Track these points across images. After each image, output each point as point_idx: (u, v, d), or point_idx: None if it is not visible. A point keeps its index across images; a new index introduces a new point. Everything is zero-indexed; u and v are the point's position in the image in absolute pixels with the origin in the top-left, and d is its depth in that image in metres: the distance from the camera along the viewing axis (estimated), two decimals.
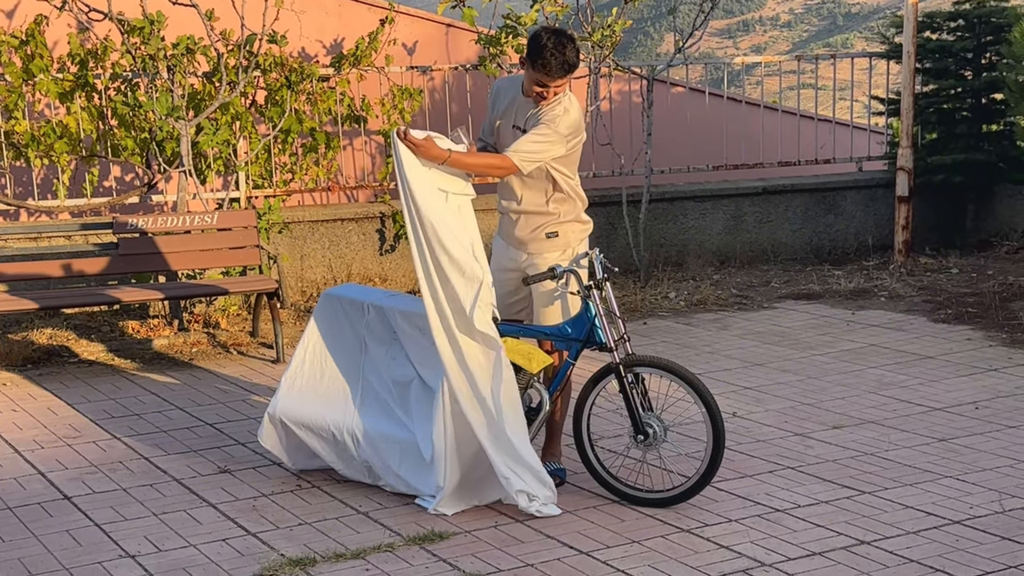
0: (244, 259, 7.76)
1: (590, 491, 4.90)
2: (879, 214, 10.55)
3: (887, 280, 9.28)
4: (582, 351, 4.81)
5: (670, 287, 9.14)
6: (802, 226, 10.36)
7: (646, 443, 4.73)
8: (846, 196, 10.48)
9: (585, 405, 4.81)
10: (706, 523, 4.56)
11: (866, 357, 7.12)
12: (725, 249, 10.11)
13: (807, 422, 5.85)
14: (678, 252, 9.95)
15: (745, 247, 10.16)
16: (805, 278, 9.50)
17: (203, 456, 5.51)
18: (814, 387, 6.49)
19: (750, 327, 8.03)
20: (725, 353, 7.32)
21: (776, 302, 8.79)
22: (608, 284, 4.80)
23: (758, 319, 8.26)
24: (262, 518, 4.71)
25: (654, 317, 8.41)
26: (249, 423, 6.00)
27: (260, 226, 8.24)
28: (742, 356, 7.23)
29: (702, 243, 10.04)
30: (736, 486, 4.96)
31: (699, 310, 8.59)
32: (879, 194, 10.53)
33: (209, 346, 7.67)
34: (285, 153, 8.95)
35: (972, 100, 10.54)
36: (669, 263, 9.84)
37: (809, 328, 7.93)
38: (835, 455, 5.34)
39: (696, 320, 8.29)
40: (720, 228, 10.11)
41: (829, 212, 10.44)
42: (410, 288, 9.14)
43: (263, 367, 7.20)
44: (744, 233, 10.18)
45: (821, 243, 10.42)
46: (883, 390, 6.40)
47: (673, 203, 9.93)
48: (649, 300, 8.77)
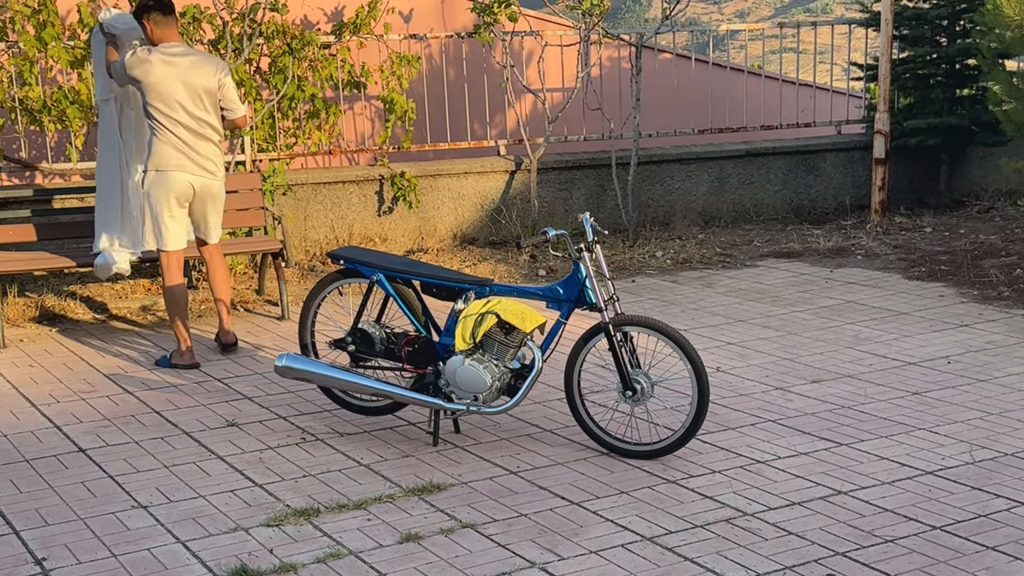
0: (250, 220, 7.69)
1: (581, 444, 4.89)
2: (857, 175, 10.51)
3: (864, 239, 9.24)
4: (573, 311, 4.77)
5: (657, 246, 9.11)
6: (783, 187, 10.32)
7: (634, 398, 4.72)
8: (825, 158, 10.44)
9: (576, 362, 4.78)
10: (691, 474, 4.55)
11: (843, 313, 7.09)
12: (710, 209, 10.07)
13: (787, 376, 5.84)
14: (665, 213, 9.91)
15: (729, 207, 10.12)
16: (786, 237, 9.47)
17: (211, 410, 5.49)
18: (794, 343, 6.47)
19: (733, 284, 8.00)
20: (709, 310, 7.30)
21: (758, 260, 8.76)
22: (598, 246, 4.77)
23: (741, 277, 8.24)
24: (268, 470, 4.69)
25: (642, 275, 8.38)
26: (255, 378, 5.97)
27: (265, 188, 8.21)
28: (725, 312, 7.21)
29: (688, 204, 9.99)
30: (720, 439, 4.95)
31: (685, 268, 8.55)
32: (857, 156, 10.49)
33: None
34: (288, 118, 8.85)
35: (947, 66, 10.46)
36: (656, 223, 9.80)
37: (789, 285, 7.91)
38: (814, 408, 5.33)
39: (682, 278, 8.26)
40: (705, 189, 10.06)
41: (809, 174, 10.39)
42: (408, 248, 9.10)
43: (268, 323, 7.16)
44: (728, 194, 10.14)
45: (801, 203, 10.39)
46: (860, 345, 6.38)
47: (660, 166, 9.88)
48: (637, 259, 8.73)
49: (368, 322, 5.08)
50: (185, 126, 5.98)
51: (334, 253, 5.18)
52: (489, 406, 4.78)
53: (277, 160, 8.68)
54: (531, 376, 4.73)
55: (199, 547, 3.98)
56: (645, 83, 9.68)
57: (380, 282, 5.01)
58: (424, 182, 9.12)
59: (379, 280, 5.01)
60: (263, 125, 8.69)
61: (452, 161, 9.47)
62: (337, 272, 5.23)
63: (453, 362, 4.75)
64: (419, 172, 9.09)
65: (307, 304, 5.31)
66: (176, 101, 5.95)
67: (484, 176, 9.39)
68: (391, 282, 5.02)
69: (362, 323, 5.07)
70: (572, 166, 9.63)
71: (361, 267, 5.06)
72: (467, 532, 4.05)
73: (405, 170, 8.98)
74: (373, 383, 4.91)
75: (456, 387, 4.77)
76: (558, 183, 9.60)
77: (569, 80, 9.92)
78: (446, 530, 4.06)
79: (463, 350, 4.72)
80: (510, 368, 4.77)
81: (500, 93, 9.72)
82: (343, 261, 5.12)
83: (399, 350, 4.98)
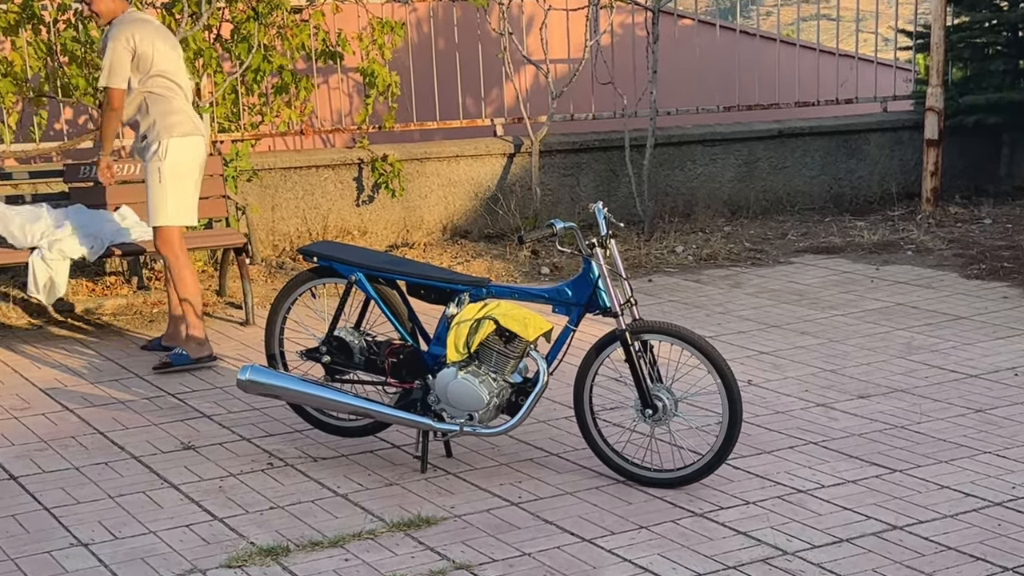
0: (209, 210, 7.62)
1: (593, 470, 4.82)
2: (905, 159, 10.47)
3: (914, 232, 9.20)
4: (584, 316, 4.71)
5: (677, 240, 9.06)
6: (821, 172, 10.28)
7: (655, 418, 4.65)
8: (869, 139, 10.41)
9: (587, 376, 4.72)
10: (721, 506, 4.47)
11: (893, 318, 7.04)
12: (737, 198, 10.03)
13: (830, 391, 5.77)
14: (686, 202, 9.87)
15: (759, 196, 10.09)
16: (824, 230, 9.42)
17: (164, 430, 5.41)
18: (836, 351, 6.41)
19: (765, 284, 7.95)
20: (738, 313, 7.25)
21: (793, 256, 8.72)
22: (613, 241, 4.70)
23: (774, 275, 8.19)
24: (230, 501, 4.61)
25: (660, 273, 8.32)
26: (215, 393, 5.90)
27: (227, 174, 8.14)
28: (757, 317, 7.15)
29: (712, 192, 9.95)
30: (753, 464, 4.87)
31: (709, 265, 8.51)
32: (905, 137, 10.45)
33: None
34: (254, 93, 8.79)
35: (1008, 34, 10.39)
36: (676, 214, 9.76)
37: (830, 285, 7.86)
38: (861, 428, 5.26)
39: (706, 276, 8.21)
40: (731, 175, 10.02)
41: (851, 157, 10.35)
42: (391, 243, 9.03)
43: (231, 330, 7.08)
44: (758, 180, 10.10)
45: (842, 191, 10.34)
46: (912, 355, 6.32)
47: (680, 148, 9.85)
48: (654, 255, 8.69)
49: (346, 329, 5.02)
50: (186, 92, 6.36)
51: (306, 249, 5.11)
52: (486, 426, 4.71)
53: (241, 141, 8.62)
54: (535, 391, 4.67)
55: None
56: (663, 53, 9.62)
57: (360, 283, 4.94)
58: (409, 167, 9.05)
59: (358, 280, 4.94)
60: (224, 101, 8.63)
61: (442, 143, 9.41)
62: (310, 271, 5.17)
63: (444, 375, 4.69)
64: (404, 155, 9.02)
65: (275, 308, 5.25)
66: (178, 66, 6.34)
67: (478, 160, 9.34)
68: (372, 283, 4.95)
69: (339, 330, 5.01)
70: (579, 148, 9.59)
71: (338, 265, 5.00)
72: (461, 574, 3.95)
73: (388, 153, 8.92)
74: (351, 399, 4.86)
75: (448, 404, 4.71)
76: (563, 168, 9.56)
77: (576, 50, 9.85)
78: (436, 572, 3.97)
79: (456, 361, 4.67)
80: (510, 382, 4.71)
81: (497, 65, 9.65)
82: (317, 258, 5.06)
83: (382, 361, 4.91)
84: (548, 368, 4.68)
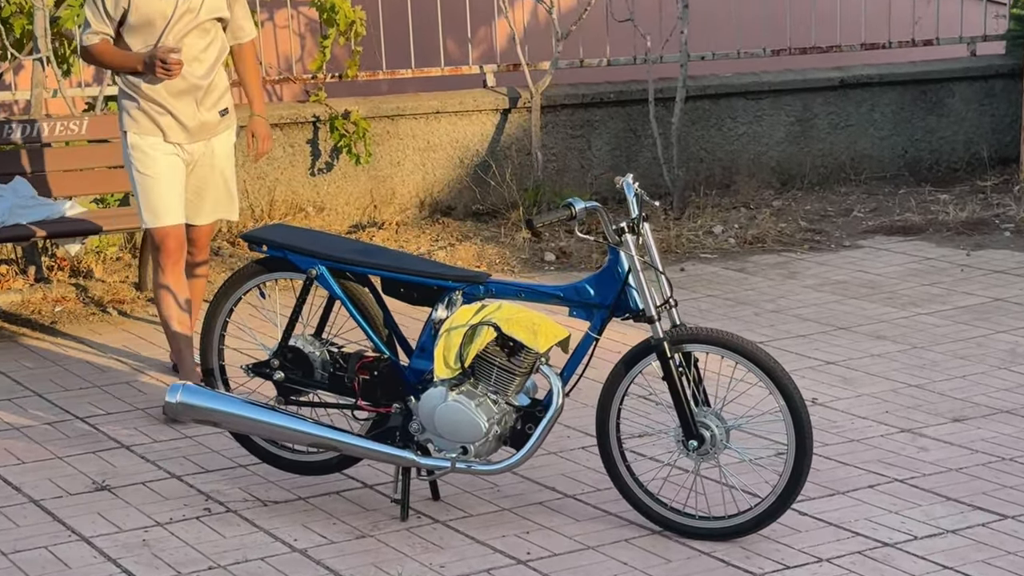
0: (125, 183, 7.46)
1: (620, 517, 4.75)
2: (998, 115, 10.43)
3: (1012, 207, 9.18)
4: (609, 321, 4.63)
5: (715, 217, 9.03)
6: (893, 132, 10.24)
7: (701, 451, 4.58)
8: (953, 90, 10.38)
9: (614, 398, 4.65)
10: (786, 564, 4.40)
11: (990, 317, 7.02)
12: (789, 165, 9.99)
13: (916, 412, 5.72)
14: (724, 169, 9.83)
15: (816, 162, 10.05)
16: (899, 204, 9.40)
17: (72, 465, 5.34)
18: (922, 361, 6.37)
19: (827, 274, 7.92)
20: (795, 311, 7.21)
21: (861, 238, 8.70)
22: (647, 225, 4.62)
23: (837, 263, 8.16)
24: (155, 558, 4.52)
25: (694, 260, 8.30)
26: (137, 417, 5.84)
27: None
28: (818, 316, 7.11)
29: (758, 157, 9.91)
30: (824, 508, 4.80)
31: (756, 250, 8.49)
32: (999, 87, 10.42)
33: (79, 303, 7.51)
34: None
35: None
36: (712, 184, 9.72)
37: (909, 275, 7.83)
38: (959, 461, 5.20)
39: (752, 264, 8.18)
40: (782, 136, 9.98)
41: (930, 112, 10.32)
42: (355, 222, 8.94)
43: (154, 334, 6.99)
44: (815, 142, 10.06)
45: (920, 155, 10.31)
46: (1019, 364, 6.28)
47: (718, 102, 9.83)
48: (687, 237, 8.66)
49: (304, 337, 4.98)
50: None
51: (252, 235, 5.07)
52: (484, 462, 4.65)
53: None
54: (547, 418, 4.59)
55: None
56: None
57: (322, 278, 4.89)
58: (378, 126, 9.01)
59: (320, 275, 4.89)
60: None
61: (418, 96, 9.37)
62: (257, 263, 5.12)
63: (431, 397, 4.62)
64: (370, 111, 8.99)
65: (212, 311, 5.20)
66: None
67: (464, 117, 9.29)
68: (338, 278, 4.89)
69: (294, 338, 4.97)
70: (591, 103, 9.54)
71: (293, 256, 4.94)
72: None
73: (351, 108, 8.88)
74: (311, 427, 4.80)
75: (436, 434, 4.65)
76: (571, 127, 9.50)
77: None
78: None
79: (446, 379, 4.60)
80: (515, 405, 4.65)
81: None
82: (266, 247, 5.00)
83: (350, 379, 4.84)
84: (563, 387, 4.61)
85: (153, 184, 5.86)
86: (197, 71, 5.79)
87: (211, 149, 5.97)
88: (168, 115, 5.80)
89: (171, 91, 5.76)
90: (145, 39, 5.75)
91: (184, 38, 5.75)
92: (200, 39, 5.81)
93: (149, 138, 5.84)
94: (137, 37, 5.77)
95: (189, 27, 5.75)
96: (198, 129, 5.88)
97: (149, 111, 5.80)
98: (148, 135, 5.84)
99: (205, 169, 5.97)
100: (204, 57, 5.83)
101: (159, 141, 5.85)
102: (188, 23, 5.75)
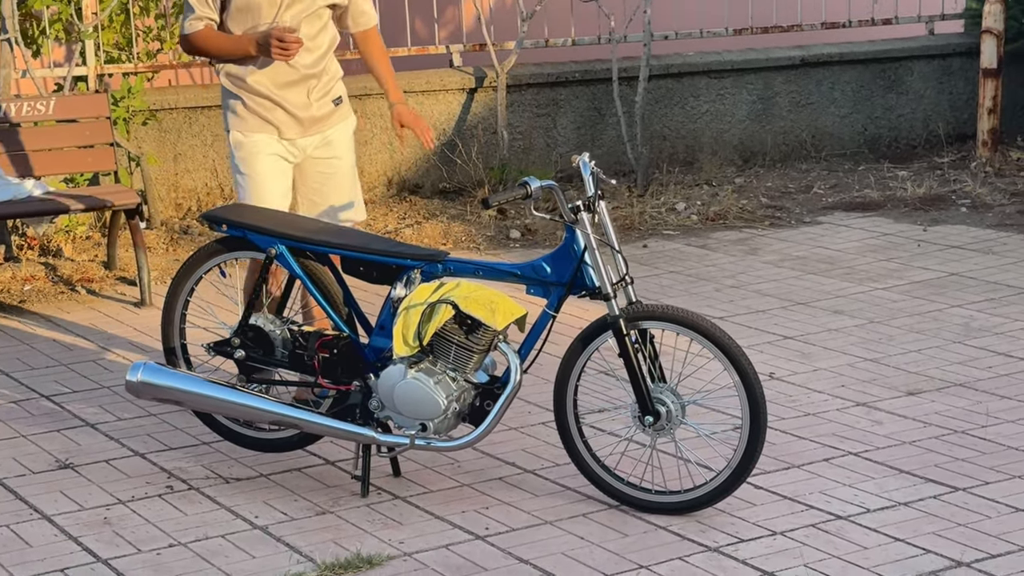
0: (94, 163, 7.54)
1: (578, 492, 4.70)
2: (956, 93, 10.41)
3: (968, 183, 9.14)
4: (566, 298, 4.58)
5: (678, 195, 8.97)
6: (853, 110, 10.21)
7: (657, 426, 4.53)
8: (912, 68, 10.36)
9: (571, 374, 4.60)
10: (741, 538, 4.35)
11: (947, 291, 6.97)
12: (751, 142, 9.96)
13: (872, 386, 5.67)
14: (687, 147, 9.79)
15: (777, 139, 10.02)
16: (859, 181, 9.37)
17: (35, 443, 5.25)
18: (878, 335, 6.33)
19: (787, 250, 7.87)
20: (755, 287, 7.16)
21: (820, 215, 8.66)
22: (603, 203, 4.57)
23: (797, 239, 8.11)
24: (117, 536, 4.45)
25: (656, 237, 8.24)
26: (102, 395, 5.76)
27: (116, 115, 8.01)
28: (778, 292, 7.07)
29: (720, 134, 9.88)
30: (779, 481, 4.76)
31: (718, 227, 8.44)
32: (956, 66, 10.40)
33: (47, 282, 7.41)
34: (150, 14, 8.61)
35: None
36: (675, 162, 9.68)
37: (867, 251, 7.80)
38: (913, 435, 5.15)
39: (714, 241, 8.13)
40: (744, 114, 9.95)
41: (889, 90, 10.28)
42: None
43: (123, 312, 6.94)
44: (776, 120, 10.03)
45: (879, 132, 10.29)
46: (973, 338, 6.23)
47: (681, 80, 9.77)
48: (649, 214, 8.60)
49: (264, 316, 4.91)
50: None
51: (212, 214, 4.99)
52: (444, 438, 4.60)
53: (134, 75, 8.48)
54: (505, 394, 4.54)
55: None
56: None
57: (282, 257, 4.81)
58: None
59: (280, 254, 4.81)
60: (113, 24, 8.51)
61: None
62: (218, 242, 5.04)
63: (390, 374, 4.58)
64: None
65: (173, 290, 5.11)
66: None
67: (431, 96, 9.23)
68: (298, 256, 4.83)
69: (255, 317, 4.89)
70: (556, 82, 9.49)
71: (253, 235, 4.86)
72: None
73: None
74: (272, 406, 4.73)
75: (395, 411, 4.60)
76: (536, 106, 9.45)
77: None
78: None
79: (405, 356, 4.55)
80: (474, 382, 4.60)
81: None
82: (226, 226, 4.92)
83: (310, 357, 4.77)
84: (521, 364, 4.56)
85: (254, 185, 5.27)
86: (307, 60, 5.17)
87: (327, 142, 5.38)
88: (279, 109, 5.22)
89: (279, 83, 5.19)
90: (249, 26, 5.15)
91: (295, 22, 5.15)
92: (311, 26, 5.19)
93: (254, 136, 5.25)
94: (240, 25, 5.16)
95: (303, 14, 5.15)
96: (311, 122, 5.30)
97: (257, 108, 5.22)
98: (255, 133, 5.25)
99: (322, 164, 5.40)
100: (314, 46, 5.21)
101: (265, 139, 5.26)
102: (302, 9, 5.14)
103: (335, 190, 5.42)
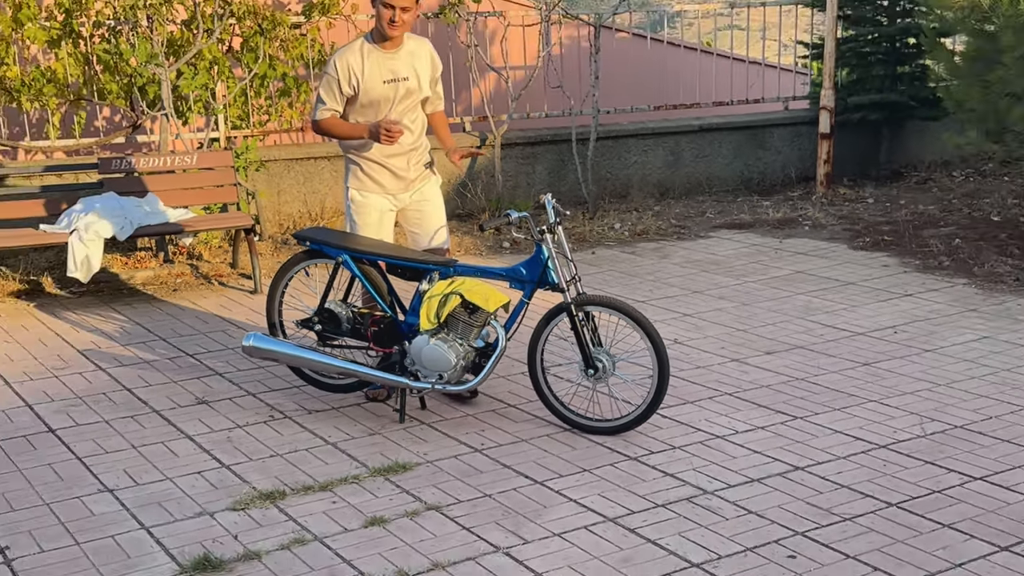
0: (224, 197, 7.40)
1: (544, 420, 4.65)
2: (803, 149, 10.30)
3: (810, 210, 9.03)
4: (536, 291, 4.53)
5: (616, 218, 8.87)
6: (734, 160, 10.10)
7: (596, 376, 4.48)
8: (773, 133, 10.23)
9: (539, 341, 4.55)
10: (651, 450, 4.31)
11: (793, 283, 6.88)
12: (665, 182, 9.84)
13: (742, 348, 5.61)
14: (623, 185, 9.67)
15: (683, 180, 9.91)
16: (737, 208, 9.26)
17: (182, 387, 5.18)
18: (748, 313, 6.25)
19: (688, 255, 7.78)
20: (666, 280, 7.07)
21: (711, 231, 8.55)
22: (560, 228, 4.51)
23: (695, 247, 8.02)
24: (236, 449, 4.41)
25: (601, 246, 8.14)
26: (227, 354, 5.68)
27: (238, 164, 7.89)
28: (682, 283, 6.98)
29: (644, 177, 9.76)
30: (679, 413, 4.71)
31: (642, 239, 8.32)
32: (803, 131, 10.27)
33: (192, 277, 7.33)
34: (261, 96, 8.49)
35: (887, 44, 10.19)
36: (615, 196, 9.57)
37: (741, 256, 7.70)
38: (769, 380, 5.10)
39: (639, 249, 8.03)
40: (660, 163, 9.83)
41: (758, 147, 10.17)
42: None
43: (242, 297, 6.85)
44: (682, 168, 9.91)
45: (751, 176, 10.18)
46: (810, 315, 6.16)
47: (618, 141, 9.63)
48: (597, 231, 8.49)
49: (334, 302, 4.82)
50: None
51: (299, 234, 4.90)
52: (455, 384, 4.54)
53: (250, 137, 8.34)
54: (495, 355, 4.50)
55: (163, 533, 3.68)
56: (603, 61, 9.38)
57: (346, 263, 4.75)
58: None
59: (344, 261, 4.74)
60: (236, 103, 8.34)
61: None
62: (303, 253, 4.95)
63: (418, 342, 4.51)
64: None
65: (274, 284, 5.03)
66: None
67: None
68: (357, 263, 4.75)
69: (328, 303, 4.81)
70: (534, 141, 9.37)
71: (326, 248, 4.80)
72: (432, 515, 3.78)
73: None
74: (339, 362, 4.66)
75: (421, 366, 4.53)
76: (521, 158, 9.34)
77: (531, 59, 9.59)
78: (411, 512, 3.79)
79: (428, 330, 4.49)
80: (474, 347, 4.54)
81: (465, 72, 9.38)
82: (308, 242, 4.84)
83: (365, 330, 4.72)
84: (506, 335, 4.52)
85: (363, 231, 4.98)
86: (408, 139, 4.91)
87: (422, 195, 5.06)
88: (387, 171, 4.93)
89: (386, 154, 4.90)
90: (369, 116, 4.86)
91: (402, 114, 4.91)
92: (410, 113, 4.93)
93: (368, 195, 4.95)
94: (361, 115, 4.86)
95: (408, 107, 4.91)
96: (409, 182, 5.00)
97: (371, 172, 4.94)
98: (369, 192, 4.96)
99: (421, 207, 5.06)
100: (413, 127, 4.95)
101: (375, 198, 4.96)
102: (408, 104, 4.89)
103: (426, 227, 5.10)
